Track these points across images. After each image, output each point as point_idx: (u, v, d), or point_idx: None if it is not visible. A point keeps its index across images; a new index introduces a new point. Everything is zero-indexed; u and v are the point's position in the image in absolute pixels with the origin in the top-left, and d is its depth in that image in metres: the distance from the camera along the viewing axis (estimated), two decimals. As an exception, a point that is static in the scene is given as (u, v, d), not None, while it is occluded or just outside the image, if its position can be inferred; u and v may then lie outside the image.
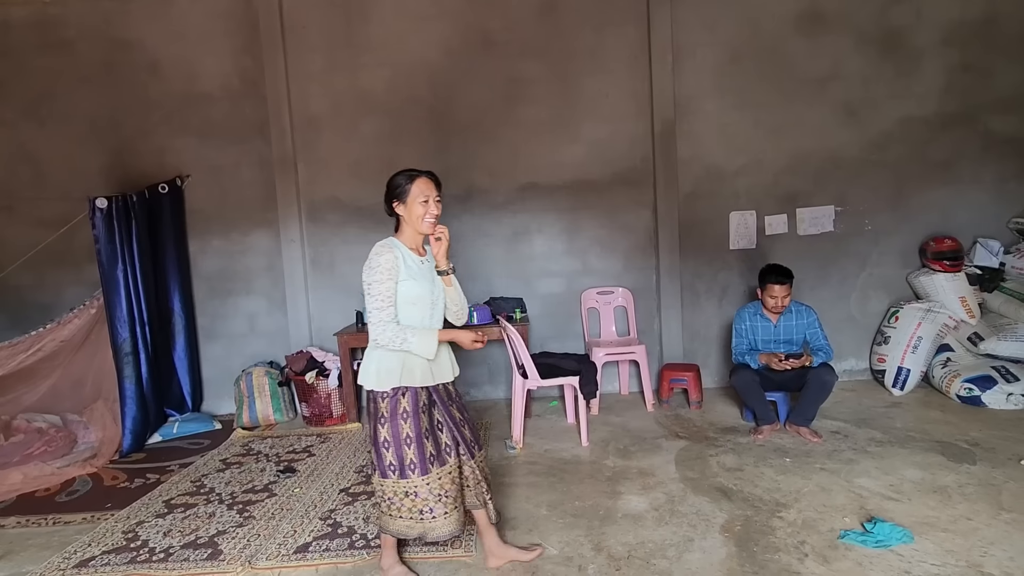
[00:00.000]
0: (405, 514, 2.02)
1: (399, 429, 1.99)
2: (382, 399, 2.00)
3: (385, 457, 2.01)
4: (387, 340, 1.94)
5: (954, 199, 4.15)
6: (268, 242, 4.43)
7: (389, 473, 2.01)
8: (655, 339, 4.35)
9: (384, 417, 2.00)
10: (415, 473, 1.98)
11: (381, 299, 1.94)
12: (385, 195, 2.14)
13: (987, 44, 4.05)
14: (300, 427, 4.05)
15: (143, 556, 2.43)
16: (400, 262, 1.98)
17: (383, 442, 2.00)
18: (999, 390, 3.48)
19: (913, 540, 2.16)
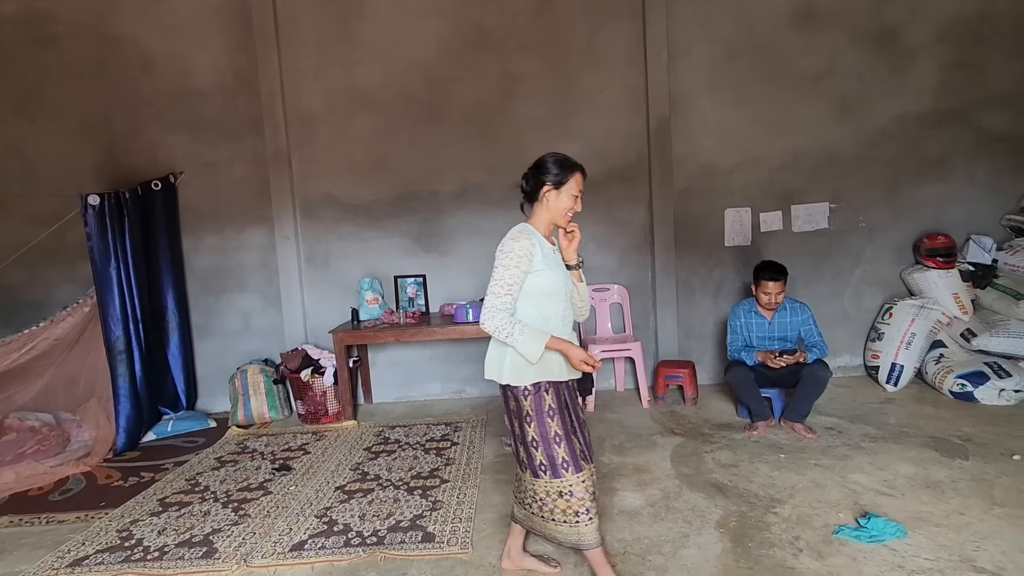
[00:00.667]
0: (559, 517, 1.91)
1: (547, 427, 1.88)
2: (524, 396, 1.88)
3: (535, 456, 1.89)
4: (493, 327, 1.82)
5: (948, 196, 4.16)
6: (262, 239, 4.41)
7: (541, 473, 1.89)
8: (651, 336, 4.35)
9: (530, 415, 1.88)
10: (569, 471, 1.87)
11: (502, 284, 1.83)
12: (532, 174, 1.97)
13: (980, 41, 4.06)
14: (295, 425, 4.04)
15: (137, 555, 2.42)
16: (536, 250, 1.87)
17: (531, 441, 1.89)
18: (991, 386, 3.51)
19: (906, 535, 2.18)
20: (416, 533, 2.43)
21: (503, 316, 1.82)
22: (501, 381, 1.91)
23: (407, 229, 4.37)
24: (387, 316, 4.04)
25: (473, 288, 4.37)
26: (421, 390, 4.48)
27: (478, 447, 3.38)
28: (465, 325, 3.82)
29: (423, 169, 4.31)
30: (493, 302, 1.83)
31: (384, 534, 2.44)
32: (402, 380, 4.48)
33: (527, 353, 1.82)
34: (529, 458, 1.91)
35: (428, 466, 3.14)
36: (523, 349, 1.81)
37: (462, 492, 2.80)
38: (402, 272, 4.38)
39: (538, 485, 1.91)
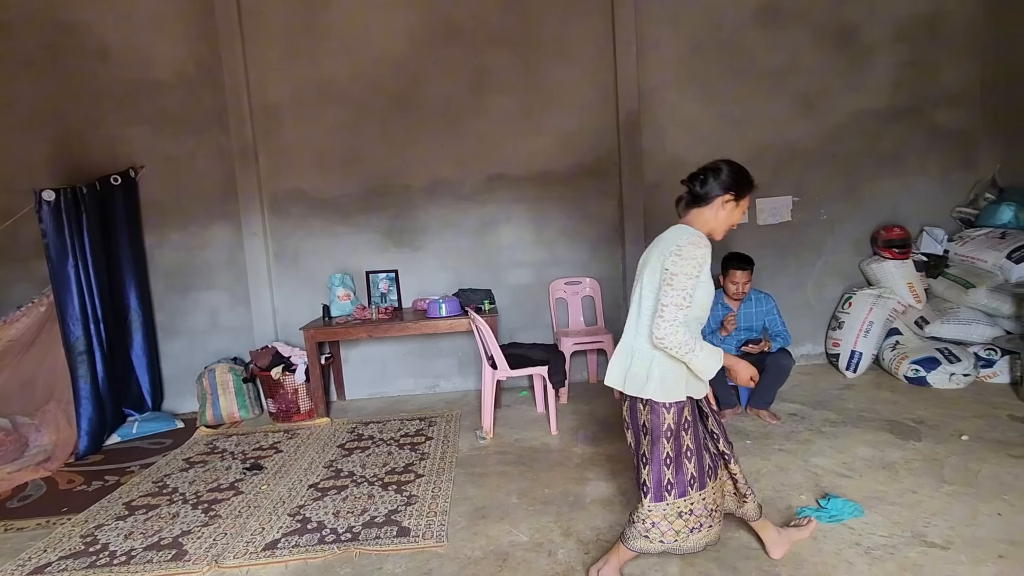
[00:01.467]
0: (668, 538, 1.84)
1: (681, 442, 1.81)
2: (667, 410, 1.78)
3: (664, 476, 1.81)
4: (675, 344, 1.68)
5: (903, 189, 4.34)
6: (229, 235, 4.31)
7: (665, 495, 1.81)
8: (622, 328, 4.40)
9: (671, 431, 1.78)
10: (694, 488, 1.82)
11: (683, 295, 1.68)
12: (717, 177, 1.83)
13: (933, 40, 4.23)
14: (267, 424, 3.98)
15: (103, 560, 2.36)
16: (707, 261, 1.75)
17: (665, 459, 1.80)
18: (943, 371, 3.68)
19: (863, 514, 2.28)
20: (391, 528, 2.43)
21: (684, 331, 1.68)
22: (645, 395, 1.79)
23: (378, 224, 4.34)
24: (359, 312, 4.01)
25: (446, 283, 4.36)
26: (395, 386, 4.47)
27: (452, 441, 3.39)
28: (438, 320, 3.82)
29: (393, 163, 4.28)
30: (675, 314, 1.67)
31: (359, 530, 2.43)
32: (375, 376, 4.46)
33: (704, 369, 1.75)
34: (657, 478, 1.82)
35: (403, 461, 3.15)
36: (702, 365, 1.73)
37: (437, 486, 2.81)
38: (374, 268, 4.34)
39: (656, 510, 1.83)
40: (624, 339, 1.91)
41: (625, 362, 1.87)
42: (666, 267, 1.71)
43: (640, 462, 1.88)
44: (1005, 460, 2.67)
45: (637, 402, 1.84)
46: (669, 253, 1.72)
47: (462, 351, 4.43)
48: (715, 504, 1.89)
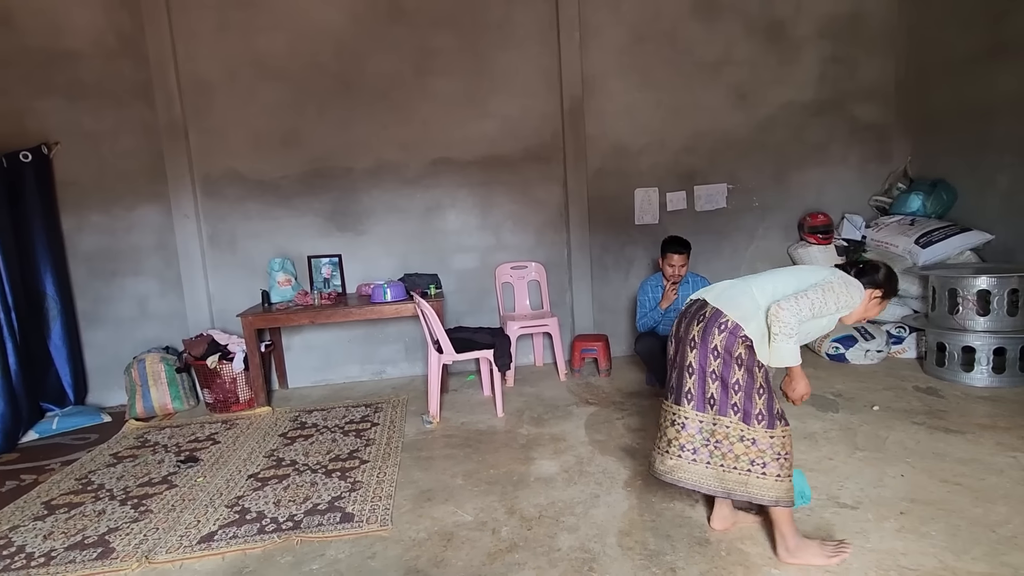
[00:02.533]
0: (784, 472, 1.87)
1: (769, 378, 1.93)
2: (745, 346, 1.87)
3: (755, 404, 1.87)
4: (784, 320, 1.79)
5: (826, 178, 4.62)
6: (158, 217, 4.08)
7: (777, 422, 1.87)
8: (567, 311, 4.52)
9: (761, 364, 1.88)
10: (782, 422, 1.90)
11: (819, 305, 1.84)
12: (885, 282, 2.04)
13: (853, 38, 4.50)
14: (203, 414, 3.83)
15: (19, 562, 2.22)
16: (847, 311, 1.95)
17: (759, 388, 1.88)
18: (859, 348, 3.98)
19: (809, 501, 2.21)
20: (334, 515, 2.41)
21: (797, 321, 1.81)
22: (747, 329, 1.86)
23: (320, 208, 4.21)
24: (301, 298, 3.90)
25: (391, 267, 4.31)
26: (340, 373, 4.39)
27: (399, 427, 3.38)
28: (383, 305, 3.77)
29: (335, 145, 4.16)
30: (801, 306, 1.81)
31: (301, 518, 2.40)
32: (319, 363, 4.36)
33: (783, 357, 1.84)
34: (768, 408, 1.87)
35: (347, 448, 3.11)
36: (783, 353, 1.83)
37: (382, 471, 2.80)
38: (316, 252, 4.23)
39: (775, 436, 1.87)
40: (749, 291, 1.96)
41: (744, 302, 1.92)
42: (830, 280, 1.90)
43: (741, 394, 1.89)
44: (910, 427, 2.93)
45: (731, 332, 1.88)
46: (842, 276, 1.93)
47: (409, 336, 4.40)
48: None
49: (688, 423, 1.97)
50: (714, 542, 2.07)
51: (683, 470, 1.98)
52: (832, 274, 1.96)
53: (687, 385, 1.97)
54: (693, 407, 1.96)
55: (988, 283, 3.36)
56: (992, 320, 3.37)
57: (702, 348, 1.93)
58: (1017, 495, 2.23)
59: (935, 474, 2.44)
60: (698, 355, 1.94)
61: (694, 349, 1.95)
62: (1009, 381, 3.35)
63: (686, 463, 1.97)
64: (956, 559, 1.90)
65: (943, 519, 2.12)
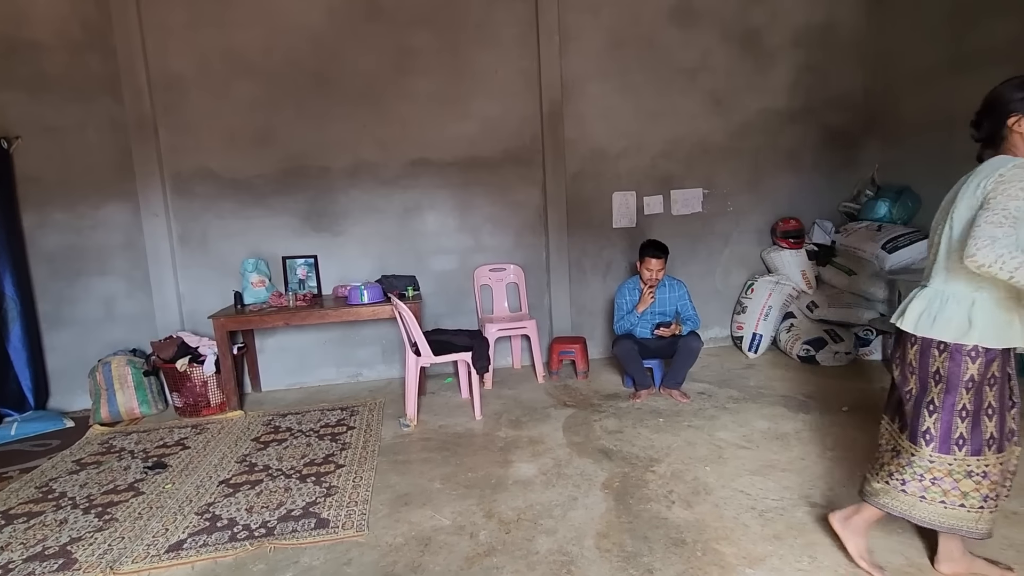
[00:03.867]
0: (951, 499, 1.70)
1: (983, 397, 1.66)
2: (972, 359, 1.63)
3: (956, 427, 1.67)
4: (992, 258, 1.48)
5: (798, 184, 4.72)
6: (125, 216, 3.95)
7: (955, 448, 1.67)
8: (545, 314, 4.52)
9: (973, 382, 1.64)
10: (991, 449, 1.67)
11: (1002, 215, 1.51)
12: (989, 110, 1.71)
13: (826, 48, 4.61)
14: (172, 419, 3.73)
15: (-25, 575, 2.13)
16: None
17: (960, 410, 1.66)
18: (829, 350, 4.08)
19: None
20: (309, 520, 2.37)
21: (1004, 245, 1.49)
22: (954, 339, 1.65)
23: (295, 208, 4.14)
24: (275, 299, 3.82)
25: (369, 269, 4.25)
26: (315, 375, 4.32)
27: (375, 430, 3.34)
28: (360, 307, 3.72)
29: (311, 144, 4.09)
30: (991, 232, 1.50)
31: (274, 524, 2.35)
32: (294, 366, 4.28)
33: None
34: (947, 429, 1.69)
35: (322, 452, 3.06)
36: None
37: (358, 476, 2.76)
38: (291, 253, 4.15)
39: (940, 463, 1.70)
40: (932, 285, 1.76)
41: (932, 306, 1.73)
42: (987, 190, 1.58)
43: (923, 408, 1.73)
44: (877, 427, 3.00)
45: (932, 347, 1.71)
46: (988, 179, 1.59)
47: (386, 339, 4.35)
48: (1008, 475, 1.75)
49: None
50: (690, 543, 2.10)
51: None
52: (977, 188, 1.61)
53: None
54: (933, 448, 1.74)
55: (951, 288, 3.47)
56: (954, 323, 3.48)
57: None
58: (978, 493, 2.31)
59: (901, 473, 2.51)
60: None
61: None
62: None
63: None
64: (921, 556, 1.96)
65: (909, 517, 2.18)
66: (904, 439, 1.79)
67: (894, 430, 1.87)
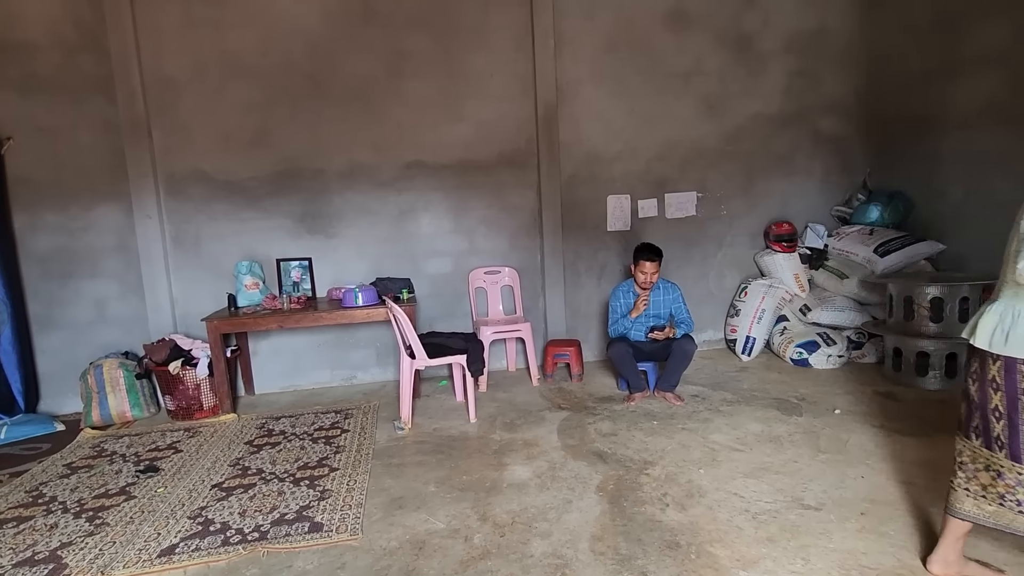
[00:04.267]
0: None
1: None
2: None
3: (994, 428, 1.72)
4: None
5: (791, 188, 4.76)
6: (118, 217, 3.93)
7: (995, 447, 1.73)
8: (540, 316, 4.53)
9: None
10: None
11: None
12: None
13: (818, 53, 4.66)
14: (164, 422, 3.70)
15: (-36, 581, 2.10)
16: None
17: None
18: (822, 352, 4.11)
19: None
20: (302, 524, 2.36)
21: None
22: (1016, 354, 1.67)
23: (290, 210, 4.13)
24: (269, 302, 3.81)
25: (363, 271, 4.25)
26: (309, 378, 4.30)
27: (370, 433, 3.33)
28: (355, 309, 3.71)
29: (306, 146, 4.08)
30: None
31: (267, 529, 2.34)
32: (288, 369, 4.26)
33: None
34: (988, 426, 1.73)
35: (316, 456, 3.05)
36: None
37: (352, 479, 2.75)
38: (285, 255, 4.14)
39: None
40: (1001, 300, 1.77)
41: (1004, 322, 1.73)
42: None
43: (1019, 427, 1.71)
44: (869, 430, 3.03)
45: (1018, 364, 1.70)
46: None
47: (380, 341, 4.34)
48: None
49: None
50: (684, 546, 2.11)
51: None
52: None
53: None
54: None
55: (940, 291, 3.51)
56: (944, 327, 3.52)
57: None
58: (968, 495, 2.33)
59: (893, 475, 2.53)
60: None
61: None
62: (960, 385, 3.50)
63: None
64: (913, 558, 1.98)
65: (900, 519, 2.20)
66: (1004, 458, 1.75)
67: (979, 448, 1.82)
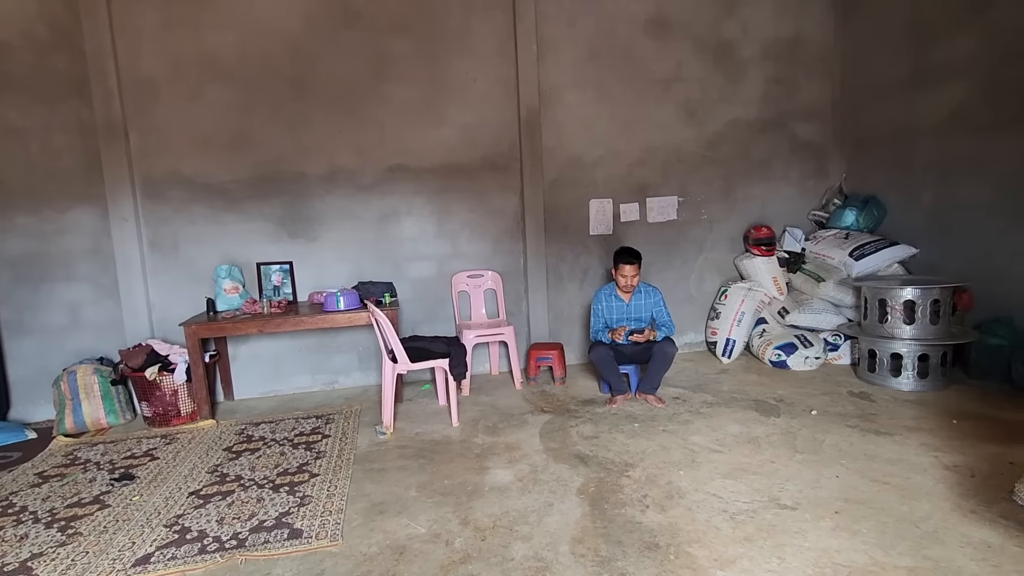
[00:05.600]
0: None
1: None
2: None
3: None
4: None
5: (770, 193, 4.84)
6: (93, 220, 3.86)
7: None
8: (523, 320, 4.54)
9: None
10: None
11: None
12: None
13: (794, 61, 4.76)
14: (140, 429, 3.64)
15: (-71, 594, 2.05)
16: None
17: None
18: (799, 355, 4.18)
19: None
20: (282, 531, 2.33)
21: None
22: None
23: (271, 213, 4.09)
24: (249, 306, 3.77)
25: (345, 275, 4.22)
26: (289, 383, 4.26)
27: (351, 438, 3.31)
28: (336, 314, 3.69)
29: (287, 149, 4.05)
30: None
31: (245, 536, 2.31)
32: (268, 374, 4.22)
33: None
34: None
35: (296, 461, 3.02)
36: None
37: (333, 485, 2.73)
38: (266, 259, 4.10)
39: None
40: None
41: None
42: None
43: None
44: (844, 430, 3.09)
45: None
46: None
47: (362, 345, 4.32)
48: None
49: None
50: (663, 547, 2.13)
51: None
52: None
53: None
54: None
55: (913, 294, 3.60)
56: (917, 328, 3.61)
57: None
58: (938, 492, 2.40)
59: (866, 474, 2.59)
60: None
61: None
62: (932, 385, 3.60)
63: None
64: (884, 555, 2.02)
65: (873, 517, 2.25)
66: None
67: None
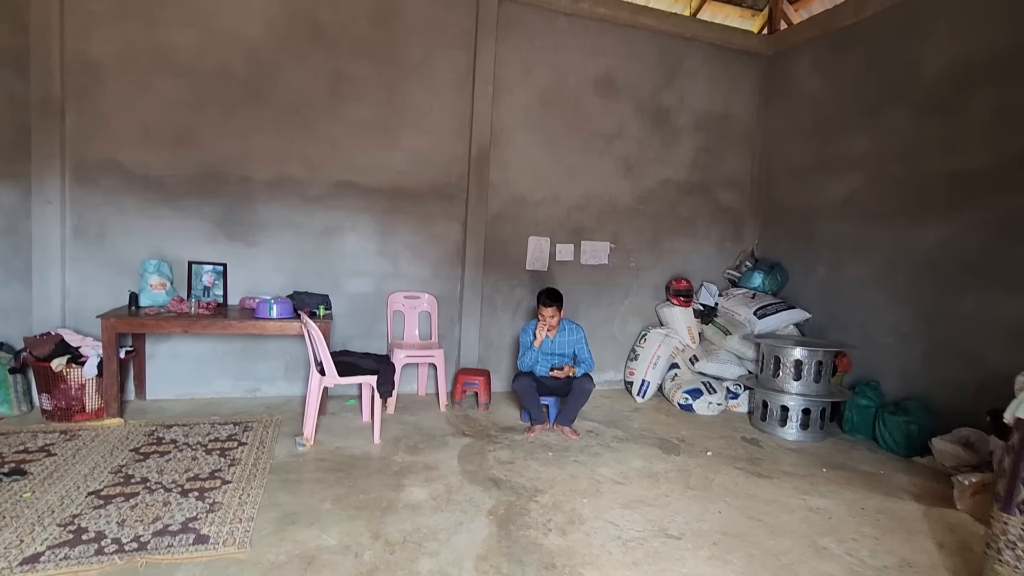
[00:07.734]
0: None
1: None
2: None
3: None
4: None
5: (691, 249, 5.31)
6: (12, 199, 3.68)
7: (1016, 511, 1.92)
8: (454, 344, 4.68)
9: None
10: None
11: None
12: None
13: (722, 134, 5.31)
14: (37, 422, 3.44)
15: None
16: None
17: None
18: (704, 400, 4.56)
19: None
20: (187, 536, 2.32)
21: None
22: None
23: (209, 213, 4.05)
24: (176, 304, 3.69)
25: (281, 283, 4.22)
26: (209, 387, 4.15)
27: (268, 447, 3.29)
28: (267, 321, 3.68)
29: (235, 151, 4.05)
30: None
31: (148, 539, 2.28)
32: (186, 375, 4.10)
33: None
34: None
35: (209, 467, 2.97)
36: None
37: (245, 493, 2.72)
38: (199, 258, 4.03)
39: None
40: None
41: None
42: None
43: None
44: (732, 471, 3.43)
45: None
46: None
47: (291, 355, 4.29)
48: None
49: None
50: (559, 567, 2.30)
51: None
52: None
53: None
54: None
55: (802, 354, 4.06)
56: (803, 385, 4.06)
57: None
58: (801, 531, 2.73)
59: (744, 511, 2.90)
60: None
61: None
62: (811, 436, 4.04)
63: None
64: None
65: (744, 549, 2.54)
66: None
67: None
